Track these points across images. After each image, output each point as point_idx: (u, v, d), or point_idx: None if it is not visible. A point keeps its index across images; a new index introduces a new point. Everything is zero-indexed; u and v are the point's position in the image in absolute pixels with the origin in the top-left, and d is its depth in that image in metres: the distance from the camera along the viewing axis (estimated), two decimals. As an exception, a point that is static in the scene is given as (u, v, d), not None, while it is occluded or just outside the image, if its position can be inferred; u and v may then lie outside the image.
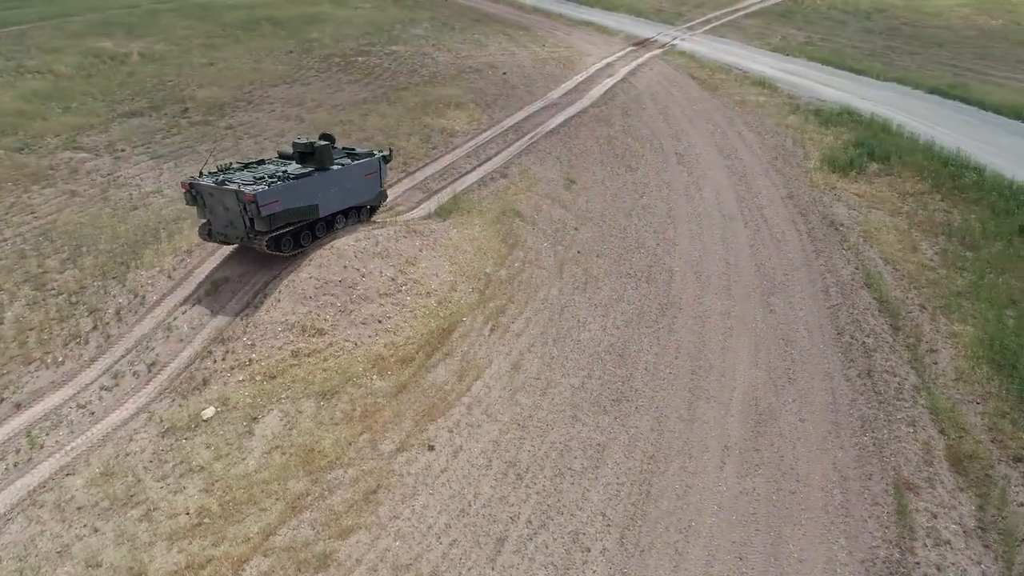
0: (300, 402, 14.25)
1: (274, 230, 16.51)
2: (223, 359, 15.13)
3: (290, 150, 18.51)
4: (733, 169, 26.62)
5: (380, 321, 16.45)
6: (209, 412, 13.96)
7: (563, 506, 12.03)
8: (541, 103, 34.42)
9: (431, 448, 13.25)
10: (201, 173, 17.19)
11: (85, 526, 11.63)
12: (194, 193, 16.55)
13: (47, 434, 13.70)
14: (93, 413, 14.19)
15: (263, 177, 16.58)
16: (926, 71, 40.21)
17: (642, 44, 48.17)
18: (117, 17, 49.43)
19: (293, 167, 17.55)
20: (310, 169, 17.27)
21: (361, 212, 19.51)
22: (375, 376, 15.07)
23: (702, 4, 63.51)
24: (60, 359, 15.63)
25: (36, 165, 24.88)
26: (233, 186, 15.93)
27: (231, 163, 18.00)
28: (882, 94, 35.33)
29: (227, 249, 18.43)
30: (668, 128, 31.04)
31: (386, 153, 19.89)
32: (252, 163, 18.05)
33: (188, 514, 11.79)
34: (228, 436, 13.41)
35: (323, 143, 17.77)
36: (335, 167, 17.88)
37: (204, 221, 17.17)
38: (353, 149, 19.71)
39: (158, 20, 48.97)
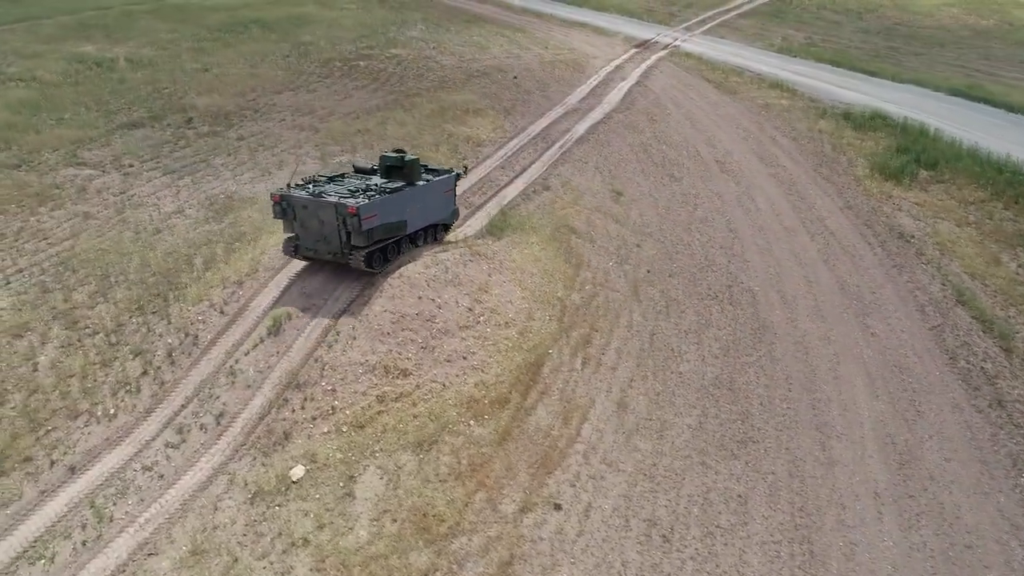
0: (397, 455, 12.76)
1: (370, 245, 15.47)
2: (302, 408, 13.53)
3: (365, 164, 17.65)
4: (779, 178, 25.73)
5: (465, 357, 15.01)
6: (299, 472, 12.38)
7: (723, 573, 10.82)
8: (561, 109, 33.17)
9: (558, 507, 11.92)
10: (289, 185, 16.00)
11: (185, 621, 10.02)
12: (285, 206, 15.38)
13: (114, 504, 11.98)
14: (163, 476, 12.49)
15: (358, 190, 15.57)
16: (936, 72, 40.07)
17: (644, 46, 47.26)
18: (92, 19, 46.69)
19: (377, 181, 16.47)
20: (401, 184, 16.24)
21: (437, 230, 18.22)
22: (472, 421, 13.65)
23: (692, 4, 62.97)
24: (111, 411, 13.85)
25: (39, 184, 22.73)
26: (332, 198, 14.88)
27: (315, 176, 16.81)
28: (903, 96, 34.94)
29: (283, 279, 16.75)
30: (699, 134, 30.07)
31: (460, 171, 18.57)
32: (336, 176, 16.83)
33: (304, 601, 10.26)
34: (326, 500, 11.87)
35: (414, 157, 16.74)
36: (421, 183, 16.60)
37: (290, 236, 15.95)
38: (426, 164, 18.33)
39: (136, 23, 46.39)
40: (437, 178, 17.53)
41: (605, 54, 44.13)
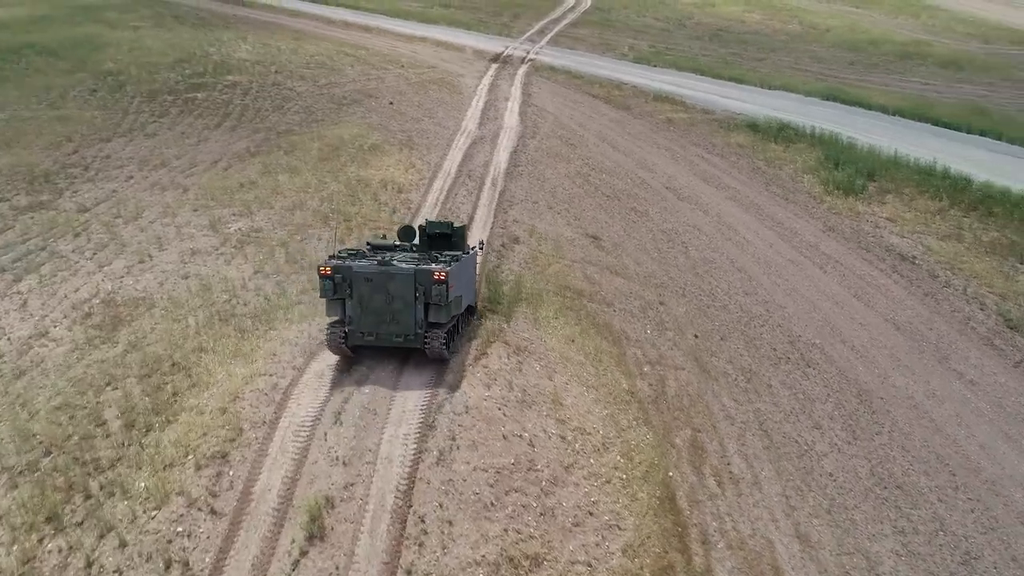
0: None
1: (449, 322, 12.46)
2: (423, 662, 8.78)
3: (385, 242, 14.01)
4: (740, 201, 24.18)
5: (592, 513, 11.01)
6: None
7: None
8: (464, 138, 29.30)
9: None
10: (332, 257, 12.60)
11: None
12: (339, 280, 11.96)
13: None
14: None
15: (420, 258, 12.75)
16: (788, 76, 41.69)
17: (500, 59, 44.53)
18: None
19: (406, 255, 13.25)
20: (459, 253, 13.43)
21: (466, 316, 14.18)
22: (651, 613, 9.80)
23: (517, 15, 61.42)
24: None
25: None
26: (406, 264, 12.10)
27: (339, 251, 13.16)
28: (784, 103, 35.51)
29: (288, 438, 11.35)
30: (627, 158, 27.84)
31: (478, 248, 15.42)
32: (354, 251, 13.17)
33: None
34: None
35: (463, 224, 14.14)
36: (466, 256, 13.68)
37: (336, 320, 12.32)
38: None
39: None
40: (470, 254, 14.17)
41: (468, 71, 40.70)
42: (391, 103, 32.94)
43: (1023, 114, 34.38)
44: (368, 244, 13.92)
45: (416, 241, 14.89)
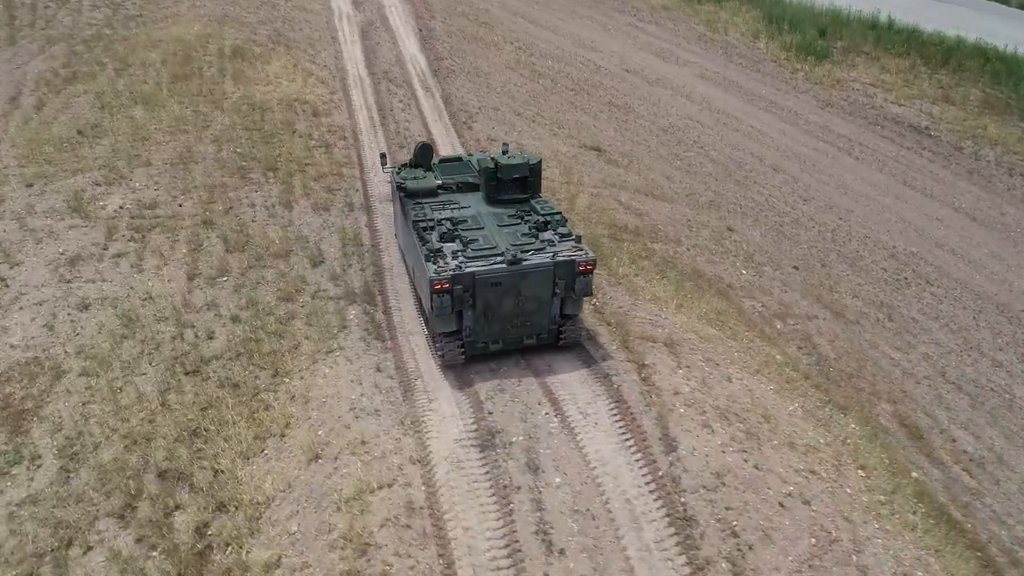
0: None
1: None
2: None
3: (387, 165, 11.52)
4: (711, 79, 21.05)
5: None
6: None
7: None
8: (347, 24, 22.88)
9: None
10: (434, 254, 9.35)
11: None
12: (458, 292, 9.04)
13: None
14: None
15: (526, 227, 9.99)
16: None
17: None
18: None
19: (471, 202, 10.64)
20: (557, 212, 10.45)
21: None
22: None
23: None
24: None
25: None
26: (542, 257, 9.31)
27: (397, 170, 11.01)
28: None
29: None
30: (558, 36, 23.25)
31: None
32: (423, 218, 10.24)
33: None
34: None
35: (539, 159, 10.84)
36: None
37: (453, 331, 9.48)
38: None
39: None
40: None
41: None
42: (222, -16, 24.75)
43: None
44: (401, 189, 10.74)
45: (469, 179, 11.14)
